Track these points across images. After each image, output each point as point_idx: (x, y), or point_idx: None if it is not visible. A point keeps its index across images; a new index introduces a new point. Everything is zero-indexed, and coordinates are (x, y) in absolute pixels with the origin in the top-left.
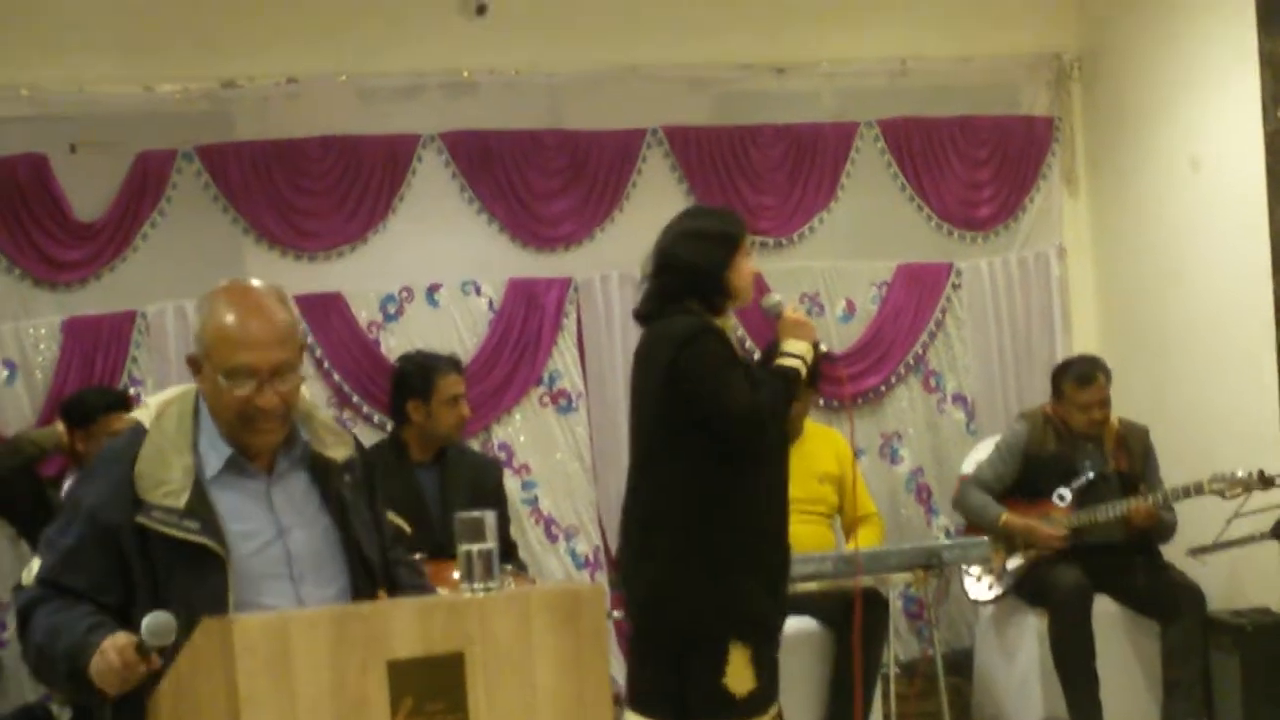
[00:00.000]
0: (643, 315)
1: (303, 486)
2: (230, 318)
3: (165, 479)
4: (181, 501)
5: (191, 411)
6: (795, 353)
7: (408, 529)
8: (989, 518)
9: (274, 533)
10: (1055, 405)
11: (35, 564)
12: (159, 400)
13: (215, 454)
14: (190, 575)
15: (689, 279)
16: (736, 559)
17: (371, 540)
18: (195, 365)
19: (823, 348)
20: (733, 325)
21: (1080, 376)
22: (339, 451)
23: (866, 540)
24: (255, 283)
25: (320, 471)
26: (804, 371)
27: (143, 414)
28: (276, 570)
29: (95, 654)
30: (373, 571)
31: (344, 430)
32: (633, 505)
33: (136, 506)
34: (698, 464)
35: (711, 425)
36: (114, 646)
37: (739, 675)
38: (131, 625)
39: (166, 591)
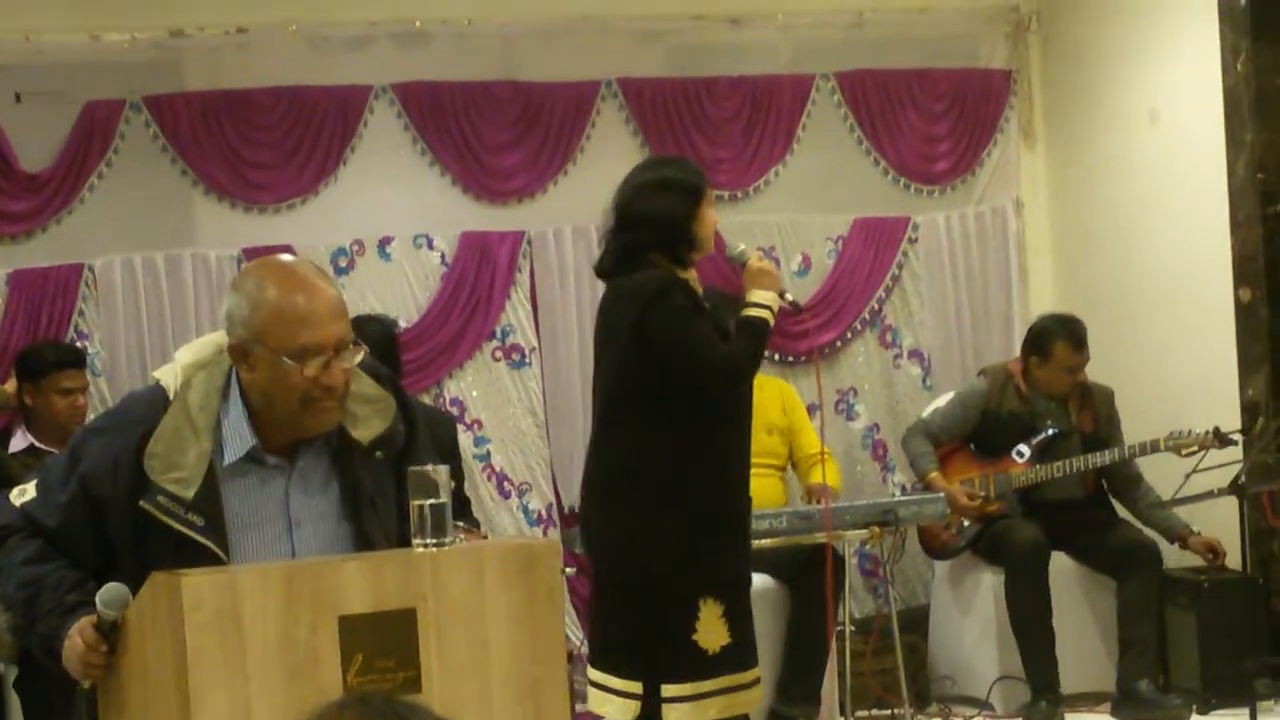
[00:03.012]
0: (605, 270)
1: (322, 475)
2: (286, 295)
3: (178, 464)
4: (190, 492)
5: (220, 386)
6: (762, 303)
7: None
8: (920, 470)
9: (283, 526)
10: (1035, 365)
11: (30, 487)
12: (186, 362)
13: (238, 441)
14: (185, 567)
15: (653, 232)
16: (706, 515)
17: (385, 532)
18: (241, 352)
19: (788, 297)
20: (694, 277)
21: (1075, 338)
22: (370, 428)
23: (823, 477)
24: (287, 258)
25: (344, 456)
26: (771, 321)
27: (167, 375)
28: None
29: (66, 641)
30: None
31: (386, 394)
32: (597, 461)
33: (139, 485)
34: (666, 420)
35: (685, 380)
36: (78, 629)
37: (711, 631)
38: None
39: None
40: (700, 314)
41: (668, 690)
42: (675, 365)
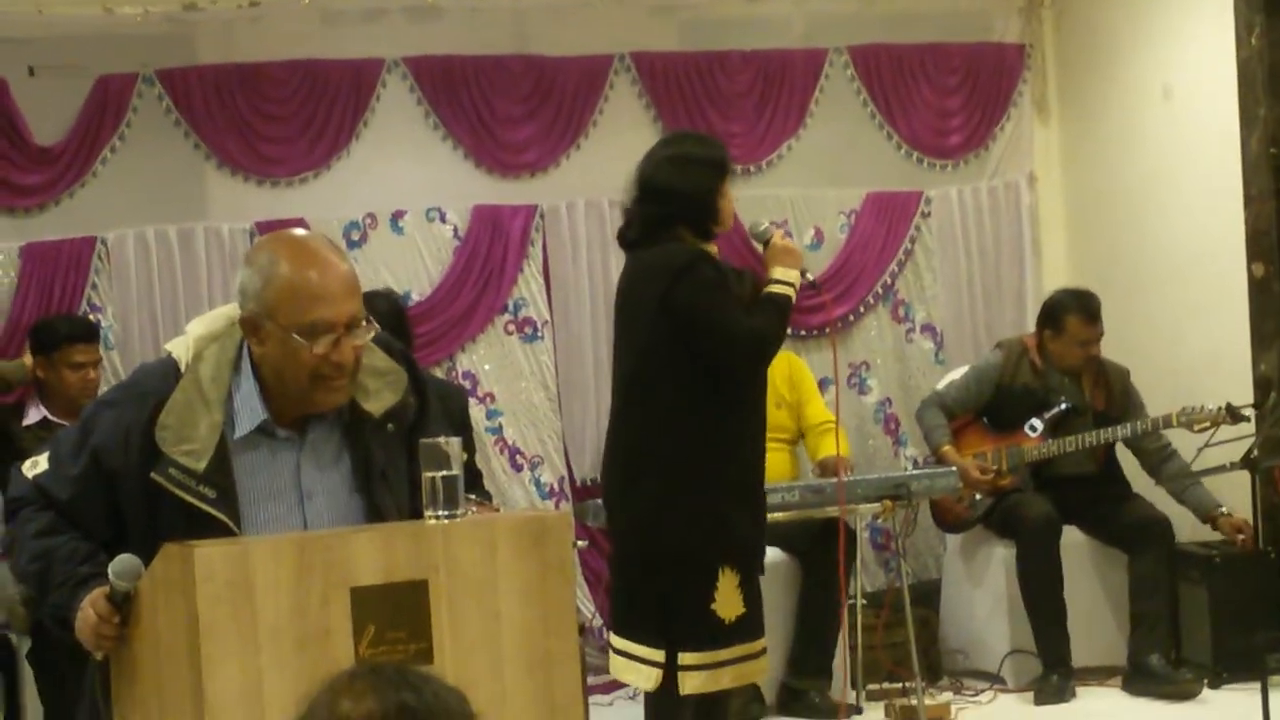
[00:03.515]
0: (629, 242)
1: (334, 448)
2: (298, 271)
3: (190, 436)
4: (202, 464)
5: (232, 359)
6: (786, 280)
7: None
8: (933, 442)
9: (295, 499)
10: (1049, 339)
11: (42, 460)
12: (199, 334)
13: (249, 413)
14: (196, 539)
15: (679, 205)
16: (724, 487)
17: (398, 506)
18: (253, 326)
19: (809, 276)
20: (715, 252)
21: (1089, 311)
22: (381, 400)
23: (833, 448)
24: (301, 232)
25: (355, 428)
26: (794, 298)
27: (179, 347)
28: None
29: (79, 613)
30: None
31: (397, 367)
32: (618, 433)
33: (151, 456)
34: (689, 393)
35: (711, 355)
36: (90, 601)
37: (728, 600)
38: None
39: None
40: (726, 289)
41: (685, 658)
42: (702, 340)
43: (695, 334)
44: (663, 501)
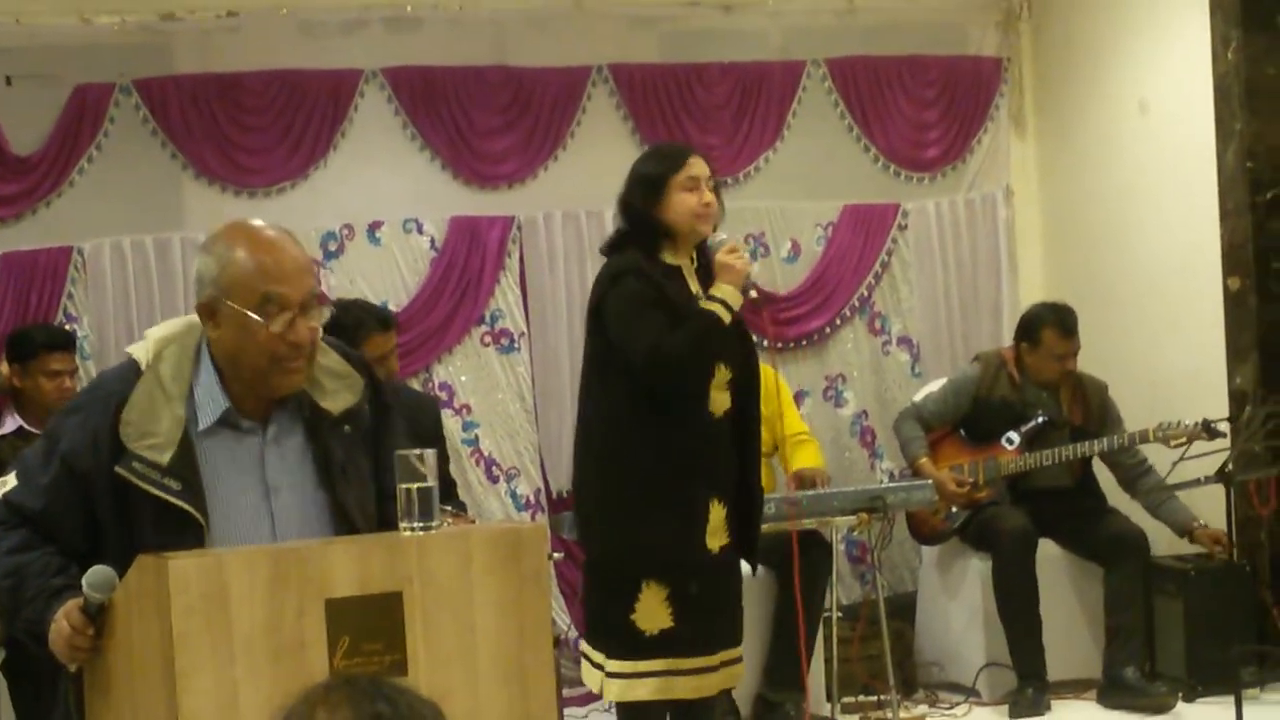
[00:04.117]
0: (602, 254)
1: (298, 443)
2: (255, 252)
3: (152, 430)
4: (166, 457)
5: (193, 354)
6: (718, 296)
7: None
8: (910, 455)
9: (261, 493)
10: (1026, 351)
11: (11, 479)
12: (159, 336)
13: (211, 405)
14: (167, 534)
15: (626, 220)
16: (650, 497)
17: (359, 502)
18: (209, 310)
19: (752, 294)
20: (686, 264)
21: (1064, 326)
22: (339, 401)
23: (807, 459)
24: (257, 221)
25: (315, 425)
26: (726, 316)
27: (140, 350)
28: (260, 534)
29: (52, 625)
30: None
31: (354, 372)
32: (575, 443)
33: (117, 454)
34: (616, 403)
35: (627, 366)
36: (64, 613)
37: (650, 613)
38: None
39: (138, 546)
40: (654, 303)
41: (609, 665)
42: (618, 350)
43: (614, 346)
44: (595, 510)
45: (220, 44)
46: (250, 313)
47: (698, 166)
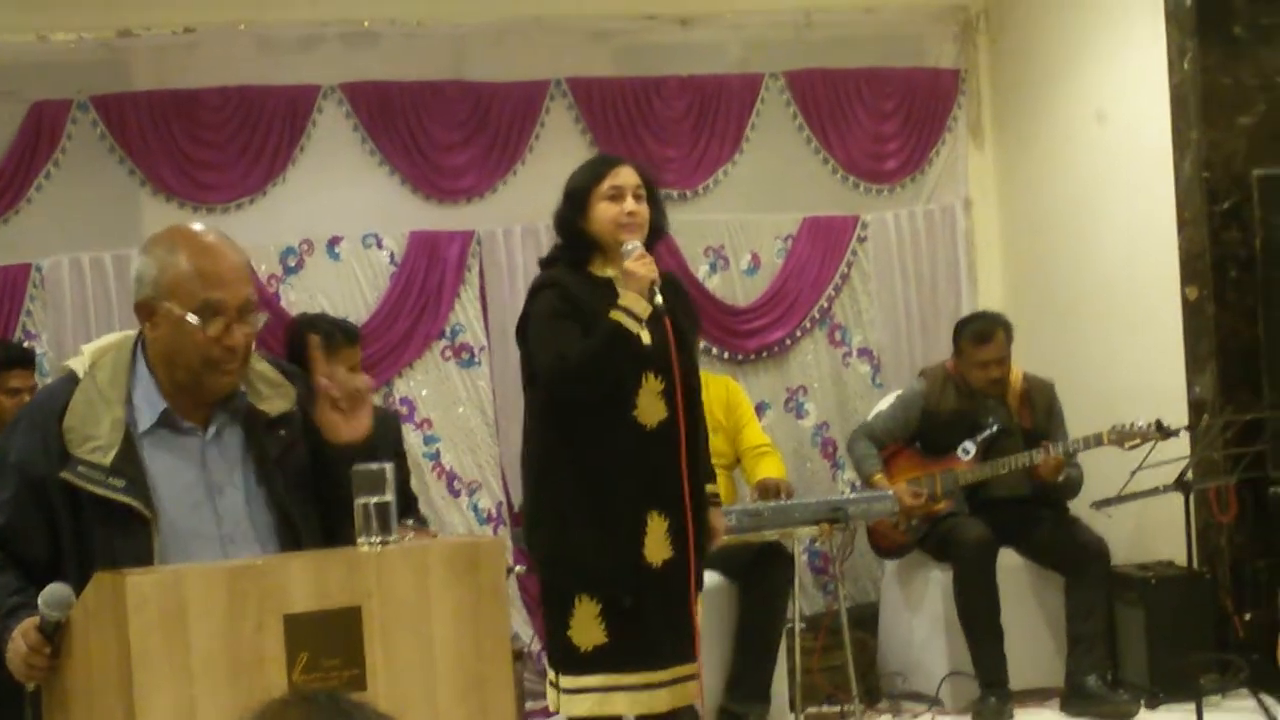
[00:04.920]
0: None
1: (238, 444)
2: (194, 256)
3: (93, 433)
4: (108, 458)
5: (128, 361)
6: (623, 305)
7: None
8: (864, 472)
9: (205, 492)
10: (955, 361)
11: None
12: (95, 348)
13: (149, 408)
14: (116, 534)
15: (559, 236)
16: (578, 512)
17: (299, 502)
18: (147, 310)
19: (658, 301)
20: (618, 275)
21: (977, 334)
22: (274, 405)
23: (769, 471)
24: (198, 225)
25: (252, 428)
26: (632, 324)
27: (76, 362)
28: (206, 531)
29: (9, 644)
30: (298, 535)
31: (287, 382)
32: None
33: (64, 460)
34: (541, 418)
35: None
36: (21, 631)
37: (584, 629)
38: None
39: (91, 549)
40: (566, 315)
41: (560, 680)
42: (532, 363)
43: (529, 359)
44: (531, 526)
45: (178, 60)
46: (188, 315)
47: (624, 176)
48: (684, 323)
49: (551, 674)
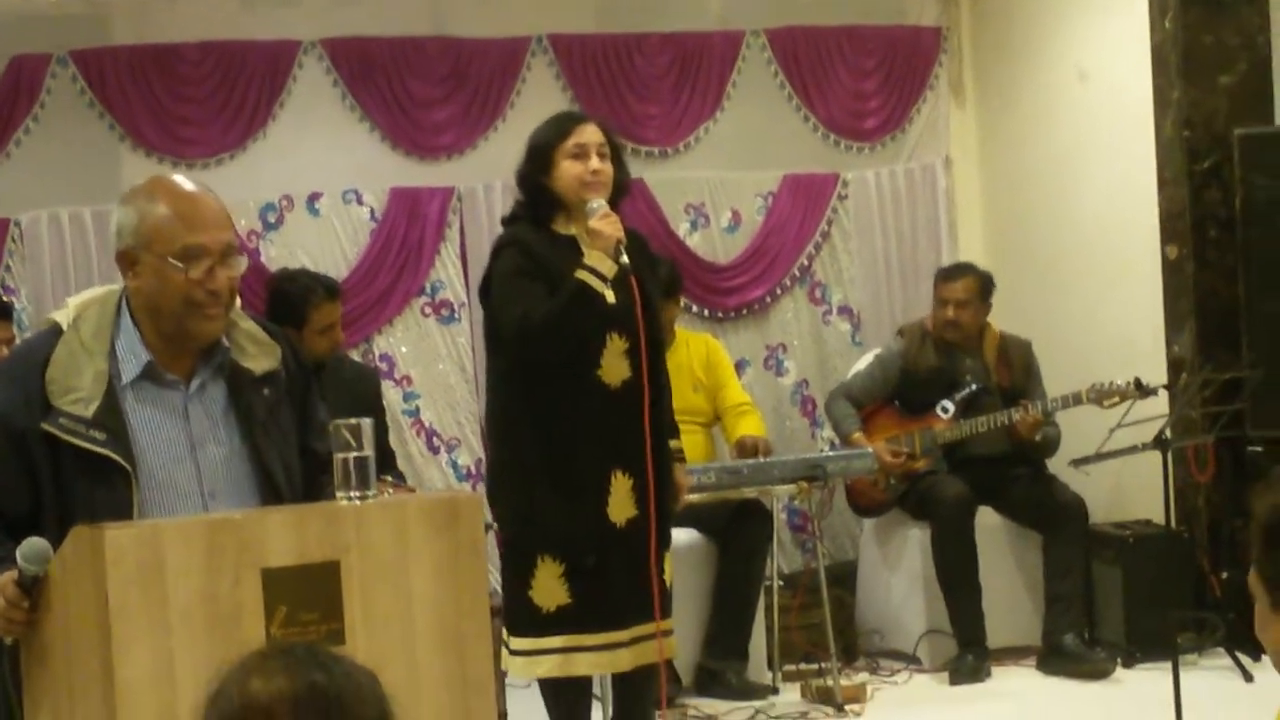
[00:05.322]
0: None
1: (221, 399)
2: (174, 202)
3: (76, 385)
4: (90, 410)
5: (113, 314)
6: (589, 264)
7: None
8: (843, 432)
9: (186, 447)
10: (932, 310)
11: None
12: (79, 301)
13: (134, 359)
14: (97, 487)
15: (522, 193)
16: (542, 473)
17: (282, 460)
18: (129, 260)
19: (623, 260)
20: (580, 232)
21: (946, 272)
22: (260, 363)
23: (750, 429)
24: (177, 176)
25: (237, 384)
26: (597, 283)
27: (61, 315)
28: (187, 486)
29: None
30: (279, 493)
31: (271, 341)
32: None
33: (45, 412)
34: (503, 378)
35: (503, 338)
36: None
37: (547, 590)
38: (41, 534)
39: (72, 502)
40: (522, 275)
41: (513, 642)
42: (495, 323)
43: (491, 318)
44: (492, 487)
45: (158, 15)
46: (170, 260)
47: (588, 133)
48: (648, 281)
49: (505, 637)
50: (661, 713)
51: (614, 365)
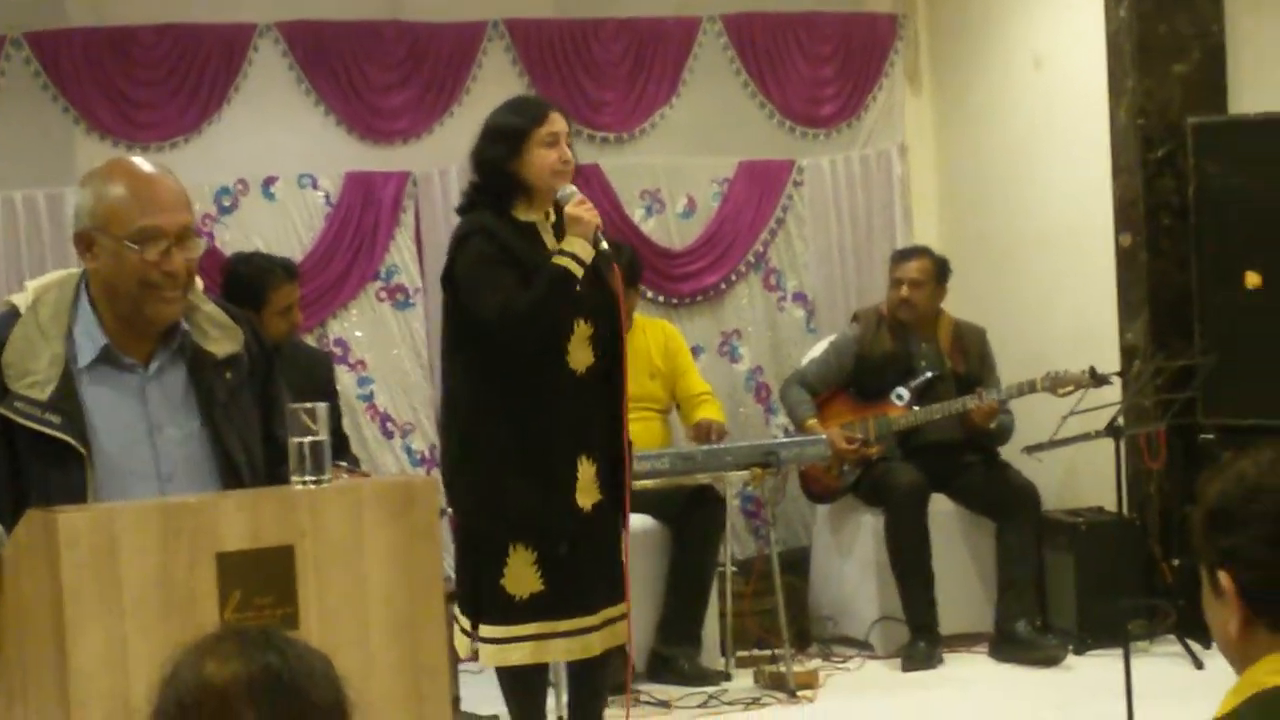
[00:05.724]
0: (457, 213)
1: (180, 382)
2: (131, 184)
3: (32, 369)
4: (46, 393)
5: (71, 297)
6: (568, 250)
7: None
8: (798, 418)
9: (144, 430)
10: (886, 292)
11: None
12: (39, 284)
13: (90, 343)
14: (51, 470)
15: (480, 176)
16: (513, 460)
17: (243, 444)
18: (86, 241)
19: (603, 246)
20: (541, 219)
21: (902, 253)
22: (222, 346)
23: (710, 414)
24: (136, 158)
25: (198, 367)
26: (577, 269)
27: (19, 298)
28: (144, 469)
29: None
30: (240, 476)
31: (234, 324)
32: (439, 409)
33: (2, 395)
34: (469, 367)
35: (475, 327)
36: None
37: (519, 578)
38: None
39: (27, 485)
40: (502, 263)
41: (482, 631)
42: (470, 313)
43: (462, 307)
44: (455, 472)
45: None
46: (126, 242)
47: (559, 122)
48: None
49: (465, 623)
50: (628, 696)
51: (580, 351)
